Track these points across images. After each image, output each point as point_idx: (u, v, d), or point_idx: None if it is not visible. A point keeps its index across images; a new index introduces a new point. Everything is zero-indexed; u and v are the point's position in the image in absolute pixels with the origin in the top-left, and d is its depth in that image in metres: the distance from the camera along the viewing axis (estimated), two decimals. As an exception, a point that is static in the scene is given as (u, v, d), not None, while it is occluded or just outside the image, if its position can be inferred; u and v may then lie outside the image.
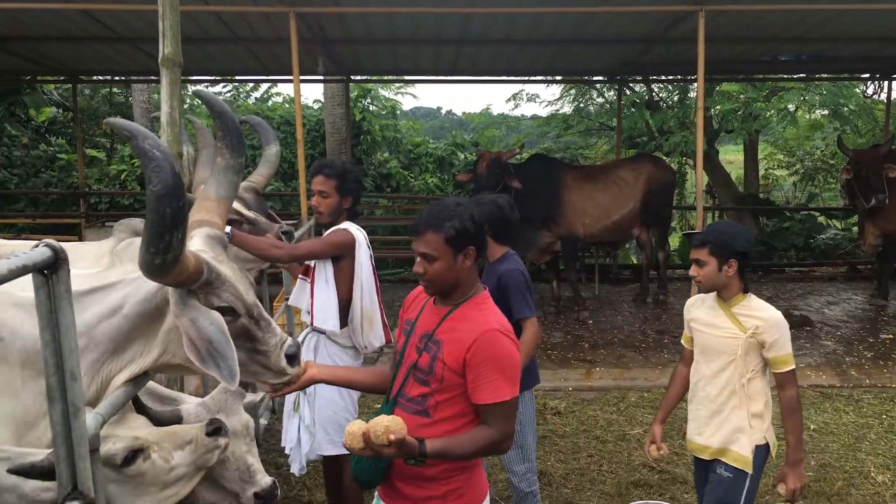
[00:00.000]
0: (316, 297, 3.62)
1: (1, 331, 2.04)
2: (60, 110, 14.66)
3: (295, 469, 3.77)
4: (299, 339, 3.68)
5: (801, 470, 2.95)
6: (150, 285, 2.05)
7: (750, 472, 2.98)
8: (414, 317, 2.41)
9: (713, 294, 3.05)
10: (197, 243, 2.11)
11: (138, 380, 2.15)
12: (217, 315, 1.99)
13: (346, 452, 2.19)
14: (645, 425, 5.32)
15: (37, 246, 1.66)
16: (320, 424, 3.60)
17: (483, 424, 2.22)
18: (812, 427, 5.35)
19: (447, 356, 2.21)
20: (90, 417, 1.84)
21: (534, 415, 3.83)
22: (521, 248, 8.55)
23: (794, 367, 2.92)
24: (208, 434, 2.23)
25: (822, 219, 13.44)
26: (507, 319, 2.30)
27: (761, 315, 2.93)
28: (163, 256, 1.80)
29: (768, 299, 9.45)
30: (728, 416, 3.01)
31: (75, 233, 10.37)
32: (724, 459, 3.03)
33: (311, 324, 3.66)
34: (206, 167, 3.57)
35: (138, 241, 3.02)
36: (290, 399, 3.74)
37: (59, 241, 1.86)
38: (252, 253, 3.40)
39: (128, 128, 1.82)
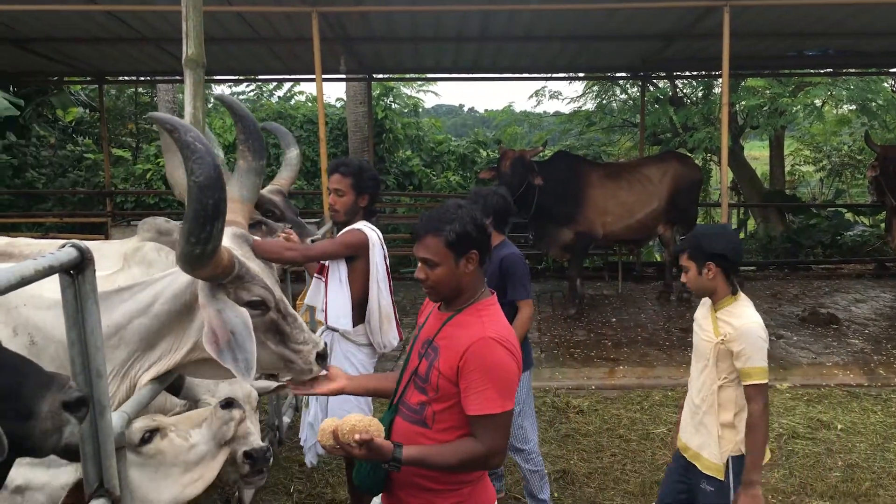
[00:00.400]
0: (329, 295, 3.64)
1: (34, 335, 2.08)
2: (87, 111, 14.86)
3: (307, 460, 3.89)
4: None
5: (756, 492, 2.76)
6: (181, 282, 2.09)
7: (722, 479, 2.88)
8: (423, 321, 2.35)
9: None
10: (225, 241, 2.14)
11: (163, 378, 2.17)
12: (243, 310, 2.03)
13: None
14: (669, 424, 5.27)
15: (63, 246, 1.69)
16: None
17: (470, 437, 2.11)
18: (839, 427, 5.27)
19: (442, 364, 2.12)
20: (116, 415, 1.87)
21: (531, 396, 4.01)
22: (544, 245, 8.52)
23: (762, 382, 2.78)
24: (222, 408, 2.26)
25: (849, 215, 13.23)
26: (509, 328, 2.20)
27: (733, 322, 2.85)
28: (203, 247, 1.83)
29: (794, 297, 9.39)
30: (702, 420, 2.96)
31: (102, 231, 10.51)
32: (698, 466, 2.96)
33: (325, 322, 3.69)
34: None
35: (148, 246, 3.05)
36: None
37: (85, 239, 1.89)
38: (264, 257, 3.42)
39: (170, 121, 1.86)
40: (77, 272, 1.71)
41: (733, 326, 2.83)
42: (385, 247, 3.72)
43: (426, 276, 2.17)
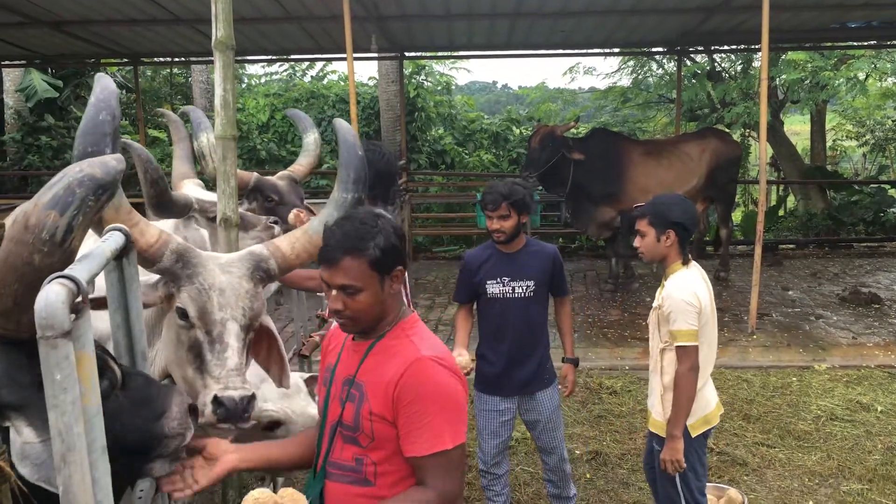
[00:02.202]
0: None
1: None
2: (123, 92, 15.03)
3: None
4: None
5: (674, 445, 2.95)
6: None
7: (663, 436, 3.05)
8: (334, 361, 1.93)
9: None
10: (237, 253, 2.11)
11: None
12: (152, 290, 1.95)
13: None
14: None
15: (107, 231, 1.71)
16: None
17: (418, 484, 1.74)
18: (879, 409, 5.17)
19: (373, 402, 1.74)
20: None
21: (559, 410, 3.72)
22: (581, 223, 8.46)
23: (688, 343, 2.94)
24: None
25: (892, 192, 12.86)
26: (445, 348, 1.86)
27: (669, 287, 3.03)
28: None
29: (835, 276, 9.22)
30: (651, 383, 3.18)
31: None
32: (648, 424, 3.20)
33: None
34: (183, 162, 3.47)
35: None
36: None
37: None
38: (286, 284, 3.28)
39: (97, 78, 1.84)
40: (122, 256, 1.74)
41: (667, 291, 3.02)
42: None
43: (344, 307, 1.75)
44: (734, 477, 4.27)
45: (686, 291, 2.96)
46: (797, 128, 19.14)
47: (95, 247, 1.51)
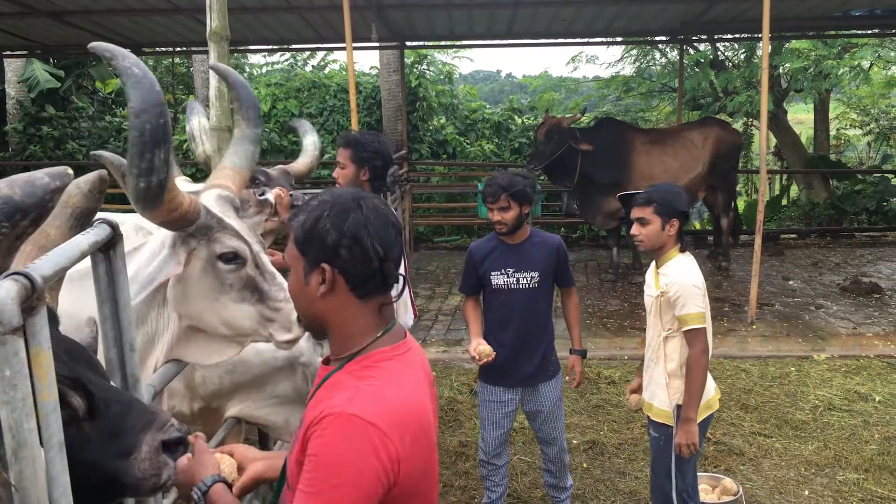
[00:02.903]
0: None
1: None
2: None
3: None
4: None
5: (689, 427, 2.98)
6: (155, 242, 2.08)
7: (671, 425, 3.05)
8: None
9: None
10: (209, 202, 2.13)
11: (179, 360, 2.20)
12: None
13: None
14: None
15: (93, 223, 1.72)
16: None
17: None
18: (877, 399, 5.18)
19: (298, 448, 1.41)
20: (143, 388, 1.91)
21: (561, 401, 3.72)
22: (589, 214, 8.47)
23: (698, 326, 2.96)
24: None
25: (896, 181, 12.84)
26: (403, 405, 1.41)
27: (671, 274, 3.03)
28: (147, 179, 1.72)
29: (836, 266, 9.21)
30: (652, 373, 3.16)
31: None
32: (650, 416, 3.17)
33: None
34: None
35: (128, 224, 3.01)
36: None
37: (124, 211, 1.91)
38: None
39: (107, 49, 1.78)
40: (108, 248, 1.74)
41: (671, 278, 3.01)
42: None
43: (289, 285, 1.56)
44: (730, 466, 4.28)
45: (693, 276, 3.00)
46: (801, 116, 19.05)
47: (72, 239, 1.51)
